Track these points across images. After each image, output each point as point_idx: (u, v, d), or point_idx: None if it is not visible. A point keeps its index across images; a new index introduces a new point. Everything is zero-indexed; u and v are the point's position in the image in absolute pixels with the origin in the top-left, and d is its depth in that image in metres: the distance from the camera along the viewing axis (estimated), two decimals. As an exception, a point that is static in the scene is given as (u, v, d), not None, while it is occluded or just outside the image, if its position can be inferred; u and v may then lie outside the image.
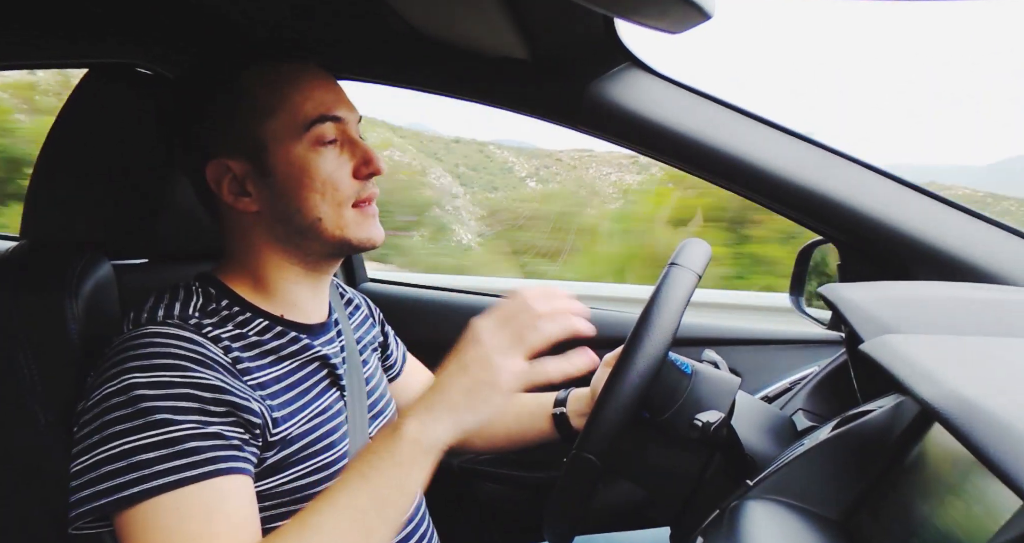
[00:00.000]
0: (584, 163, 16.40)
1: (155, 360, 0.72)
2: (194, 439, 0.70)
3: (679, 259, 0.82)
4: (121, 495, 0.67)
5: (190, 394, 0.71)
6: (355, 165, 0.84)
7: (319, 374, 0.86)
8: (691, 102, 1.18)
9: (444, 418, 0.68)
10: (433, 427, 0.68)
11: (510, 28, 1.03)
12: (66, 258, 0.84)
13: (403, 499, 0.68)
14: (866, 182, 1.13)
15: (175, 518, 0.67)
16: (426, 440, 0.68)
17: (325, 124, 0.82)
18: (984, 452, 0.42)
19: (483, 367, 0.69)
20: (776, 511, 0.65)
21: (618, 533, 1.18)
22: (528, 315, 0.71)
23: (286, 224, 0.83)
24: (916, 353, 0.60)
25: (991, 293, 0.93)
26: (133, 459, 0.68)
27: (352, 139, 0.84)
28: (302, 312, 0.88)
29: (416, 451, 0.68)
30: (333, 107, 0.83)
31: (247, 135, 0.81)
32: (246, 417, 0.74)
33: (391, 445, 0.68)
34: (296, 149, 0.81)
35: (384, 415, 0.97)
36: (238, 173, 0.82)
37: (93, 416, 0.71)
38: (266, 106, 0.81)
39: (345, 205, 0.83)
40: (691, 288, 0.80)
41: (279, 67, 0.82)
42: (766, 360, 1.36)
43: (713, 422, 0.80)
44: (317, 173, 0.81)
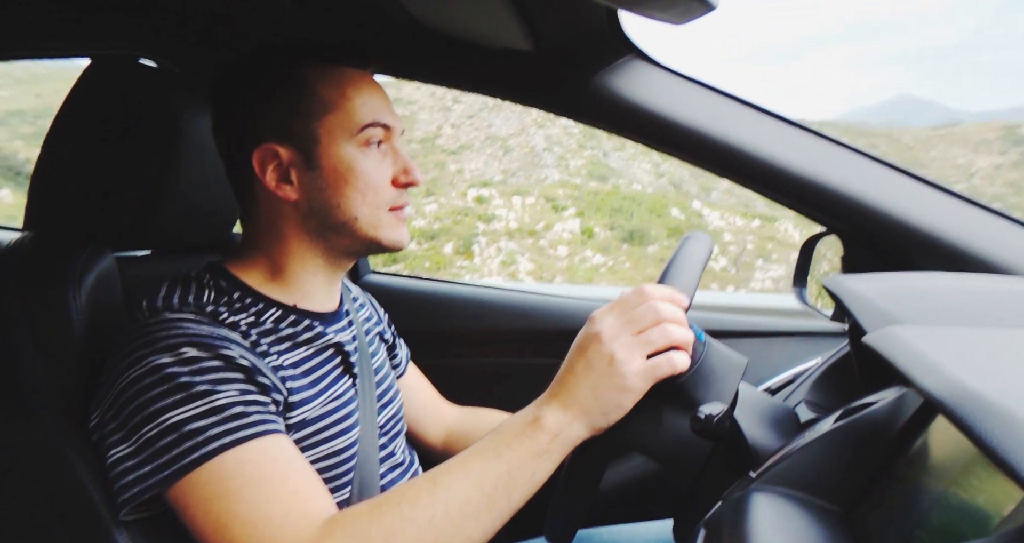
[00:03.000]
0: (928, 143, 16.58)
1: (177, 339, 0.73)
2: (239, 405, 0.71)
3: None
4: (181, 464, 0.69)
5: (222, 366, 0.73)
6: (395, 173, 0.88)
7: (333, 361, 0.88)
8: (695, 94, 1.17)
9: (580, 418, 0.70)
10: (571, 424, 0.70)
11: (513, 20, 1.03)
12: (69, 250, 0.85)
13: (529, 484, 0.70)
14: (869, 173, 1.12)
15: (246, 469, 0.69)
16: (564, 436, 0.70)
17: (376, 129, 0.85)
18: (987, 444, 0.42)
19: (609, 367, 0.69)
20: (779, 502, 0.65)
21: (621, 526, 1.19)
22: (653, 314, 0.70)
23: (322, 218, 0.85)
24: (920, 344, 0.60)
25: (996, 284, 0.93)
26: (184, 429, 0.69)
27: (395, 148, 0.89)
28: (315, 301, 0.89)
29: (554, 444, 0.70)
30: (384, 115, 0.87)
31: (302, 126, 0.83)
32: (273, 395, 0.76)
33: (531, 432, 0.70)
34: (346, 148, 0.84)
35: (392, 404, 0.98)
36: (285, 160, 0.84)
37: (125, 401, 0.72)
38: (327, 103, 0.83)
39: (383, 208, 0.86)
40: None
41: (343, 69, 0.85)
42: (769, 352, 1.36)
43: (716, 414, 0.80)
44: (362, 174, 0.84)
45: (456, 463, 0.71)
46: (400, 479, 0.94)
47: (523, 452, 0.69)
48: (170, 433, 0.69)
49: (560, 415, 0.70)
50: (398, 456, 0.95)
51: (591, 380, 0.69)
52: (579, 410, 0.69)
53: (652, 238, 12.38)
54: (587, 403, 0.69)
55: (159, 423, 0.70)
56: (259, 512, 0.68)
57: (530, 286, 1.80)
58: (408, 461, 0.98)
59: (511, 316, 1.54)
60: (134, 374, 0.72)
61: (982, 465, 0.50)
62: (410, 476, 0.96)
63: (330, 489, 0.81)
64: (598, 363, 0.69)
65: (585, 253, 12.14)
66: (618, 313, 0.71)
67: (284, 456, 0.72)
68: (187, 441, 0.69)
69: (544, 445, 0.69)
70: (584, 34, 1.12)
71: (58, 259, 0.83)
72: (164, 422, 0.70)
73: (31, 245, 0.86)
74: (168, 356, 0.72)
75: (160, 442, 0.70)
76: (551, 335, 1.50)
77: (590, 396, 0.69)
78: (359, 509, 0.70)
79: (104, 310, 0.85)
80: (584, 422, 0.70)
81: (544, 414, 0.70)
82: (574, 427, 0.70)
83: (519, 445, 0.70)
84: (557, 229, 12.67)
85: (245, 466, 0.69)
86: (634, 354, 0.69)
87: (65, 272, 0.82)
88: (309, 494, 0.71)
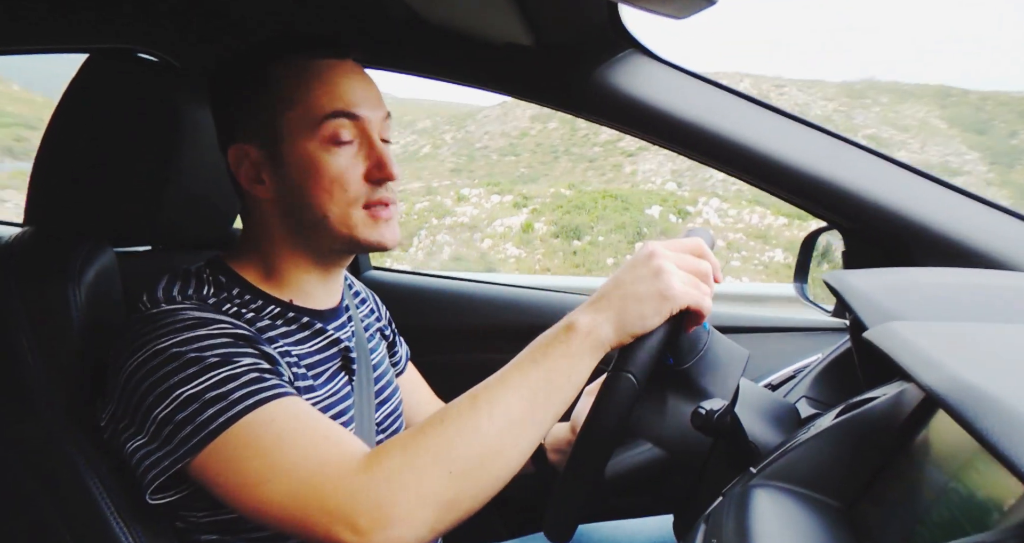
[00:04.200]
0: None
1: (182, 323, 0.73)
2: (254, 371, 0.71)
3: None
4: (207, 431, 0.68)
5: (231, 342, 0.73)
6: (368, 168, 0.83)
7: (332, 358, 0.87)
8: (695, 88, 1.17)
9: (613, 319, 0.71)
10: (602, 324, 0.71)
11: (514, 14, 1.03)
12: (69, 245, 0.85)
13: (569, 387, 0.71)
14: (870, 168, 1.12)
15: (274, 426, 0.68)
16: (595, 336, 0.71)
17: (339, 120, 0.81)
18: (988, 438, 0.42)
19: (656, 276, 0.71)
20: (779, 498, 0.65)
21: (621, 521, 1.19)
22: (704, 266, 0.75)
23: (297, 217, 0.83)
24: (920, 340, 0.60)
25: (996, 279, 0.93)
26: (204, 398, 0.68)
27: (370, 140, 0.83)
28: (312, 299, 0.89)
29: (586, 344, 0.71)
30: (353, 104, 0.82)
31: (267, 124, 0.82)
32: (282, 370, 0.76)
33: (563, 336, 0.72)
34: (309, 144, 0.81)
35: (390, 401, 0.98)
36: (254, 160, 0.83)
37: (132, 388, 0.71)
38: (287, 97, 0.81)
39: (353, 206, 0.82)
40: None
41: (310, 61, 0.83)
42: (770, 347, 1.36)
43: (717, 409, 0.80)
44: (326, 171, 0.81)
45: (494, 378, 0.71)
46: None
47: (557, 356, 0.71)
48: (189, 405, 0.68)
49: (592, 316, 0.71)
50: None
51: (635, 285, 0.71)
52: (613, 312, 0.71)
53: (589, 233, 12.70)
54: (625, 304, 0.71)
55: (173, 399, 0.69)
56: (298, 458, 0.67)
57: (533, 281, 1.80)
58: None
59: (512, 312, 1.54)
60: (139, 360, 0.71)
61: (983, 460, 0.50)
62: None
63: None
64: (646, 272, 0.71)
65: (505, 246, 12.53)
66: (672, 249, 0.74)
67: (307, 411, 0.72)
68: (210, 408, 0.68)
69: (576, 346, 0.71)
70: (585, 29, 1.12)
71: (58, 254, 0.83)
72: (179, 397, 0.69)
73: (31, 240, 0.86)
74: (172, 338, 0.71)
75: (178, 416, 0.68)
76: None
77: (631, 298, 0.71)
78: (401, 436, 0.69)
79: (104, 305, 0.85)
80: (616, 322, 0.71)
81: (577, 318, 0.72)
82: (604, 328, 0.71)
83: (552, 350, 0.71)
84: (497, 224, 13.04)
85: (272, 424, 0.68)
86: (679, 276, 0.72)
87: (65, 267, 0.82)
88: (340, 437, 0.71)
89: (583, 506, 0.75)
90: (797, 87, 28.13)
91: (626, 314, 0.71)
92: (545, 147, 25.89)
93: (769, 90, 27.43)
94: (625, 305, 0.71)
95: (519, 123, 27.23)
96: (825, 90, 29.40)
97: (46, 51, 1.29)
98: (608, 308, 0.71)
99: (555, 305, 1.53)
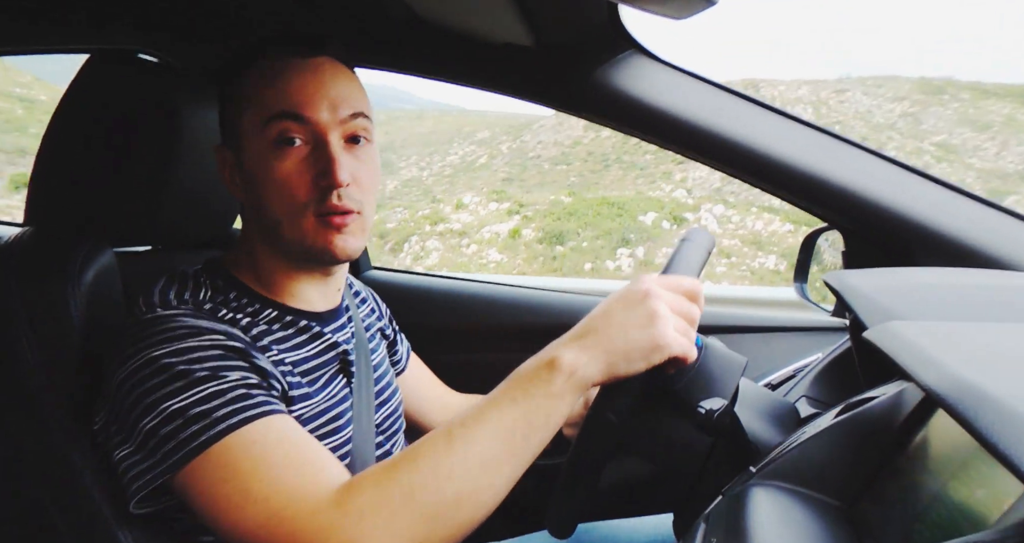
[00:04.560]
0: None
1: (175, 332, 0.72)
2: (242, 387, 0.70)
3: None
4: (188, 448, 0.67)
5: (222, 354, 0.72)
6: (315, 173, 0.78)
7: (331, 361, 0.87)
8: (695, 89, 1.17)
9: (599, 358, 0.68)
10: (587, 364, 0.68)
11: (513, 15, 1.03)
12: (69, 245, 0.85)
13: (548, 428, 0.69)
14: (870, 168, 1.12)
15: (254, 449, 0.68)
16: (578, 376, 0.68)
17: (285, 122, 0.77)
18: (988, 438, 0.42)
19: (650, 320, 0.68)
20: (779, 497, 0.65)
21: (621, 520, 1.19)
22: (694, 310, 0.72)
23: (262, 221, 0.82)
24: (920, 339, 0.60)
25: (996, 279, 0.93)
26: (189, 414, 0.68)
27: (321, 143, 0.78)
28: (308, 302, 0.88)
29: (569, 384, 0.68)
30: (299, 105, 0.78)
31: (231, 127, 0.83)
32: (274, 382, 0.75)
33: (546, 374, 0.68)
34: (259, 145, 0.79)
35: (390, 403, 0.97)
36: (229, 162, 0.84)
37: (122, 396, 0.71)
38: (246, 97, 0.81)
39: (302, 213, 0.79)
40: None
41: (275, 60, 0.81)
42: (770, 347, 1.36)
43: (716, 409, 0.80)
44: (273, 174, 0.78)
45: (471, 414, 0.69)
46: None
47: (538, 395, 0.68)
48: (174, 419, 0.68)
49: (577, 354, 0.68)
50: (396, 453, 0.95)
51: (626, 324, 0.68)
52: (600, 350, 0.68)
53: (574, 239, 12.87)
54: (613, 344, 0.68)
55: (159, 412, 0.68)
56: (272, 488, 0.67)
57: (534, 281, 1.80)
58: None
59: (513, 311, 1.54)
60: (130, 368, 0.71)
61: (982, 459, 0.50)
62: None
63: None
64: (640, 314, 0.69)
65: (489, 251, 12.70)
66: (668, 288, 0.72)
67: (290, 433, 0.71)
68: (193, 425, 0.68)
69: (559, 386, 0.68)
70: (585, 29, 1.12)
71: (58, 254, 0.83)
72: (164, 411, 0.68)
73: (31, 240, 0.86)
74: (163, 348, 0.71)
75: (163, 430, 0.68)
76: (553, 330, 1.49)
77: (620, 338, 0.68)
78: (374, 470, 0.68)
79: (103, 305, 0.85)
80: (602, 363, 0.68)
81: (561, 354, 0.69)
82: (590, 367, 0.68)
83: (534, 388, 0.68)
84: (485, 231, 13.23)
85: (252, 446, 0.68)
86: (673, 322, 0.70)
87: (65, 267, 0.82)
88: (320, 465, 0.70)
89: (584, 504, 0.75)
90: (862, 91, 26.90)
91: (613, 356, 0.68)
92: (596, 156, 25.71)
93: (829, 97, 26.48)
94: (614, 346, 0.68)
95: (573, 132, 27.07)
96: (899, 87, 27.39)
97: (47, 52, 1.29)
98: (595, 346, 0.68)
99: (556, 305, 1.53)
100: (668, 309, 0.69)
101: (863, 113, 25.85)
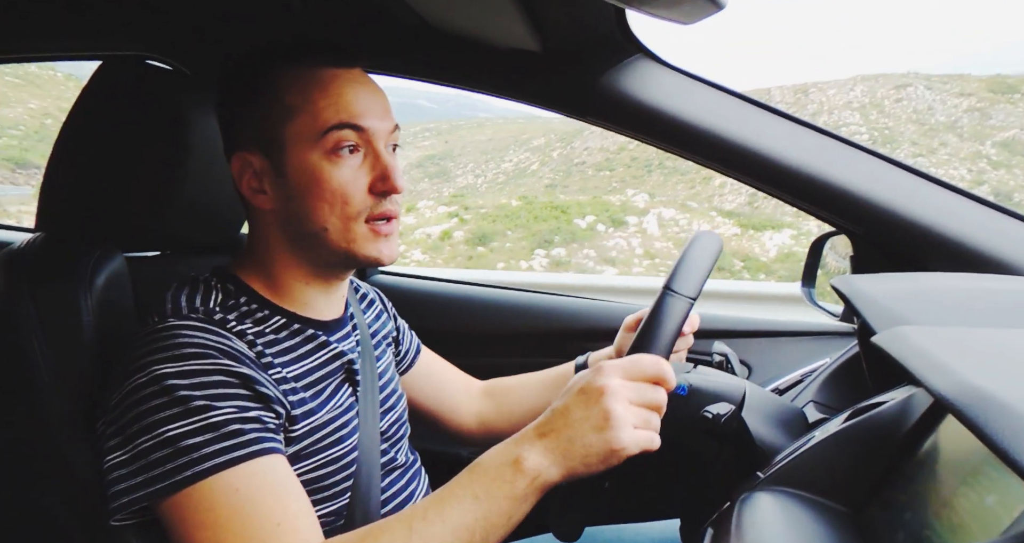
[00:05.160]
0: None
1: (183, 350, 0.73)
2: (236, 422, 0.71)
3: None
4: (172, 480, 0.68)
5: (224, 381, 0.72)
6: (372, 180, 0.81)
7: (336, 371, 0.87)
8: (703, 93, 1.17)
9: (559, 463, 0.69)
10: (548, 468, 0.69)
11: (521, 19, 1.03)
12: (80, 251, 0.85)
13: (508, 527, 0.70)
14: (879, 173, 1.12)
15: (229, 498, 0.69)
16: (541, 480, 0.69)
17: (343, 131, 0.79)
18: (997, 443, 0.42)
19: (605, 422, 0.67)
20: (787, 503, 0.65)
21: (627, 525, 1.19)
22: (657, 397, 0.71)
23: (295, 228, 0.83)
24: (929, 344, 0.60)
25: (1005, 284, 0.93)
26: (179, 445, 0.69)
27: (375, 152, 0.81)
28: (316, 310, 0.88)
29: (532, 487, 0.69)
30: (357, 115, 0.80)
31: (270, 133, 0.81)
32: (275, 407, 0.75)
33: (509, 475, 0.69)
34: (311, 155, 0.80)
35: (395, 410, 0.97)
36: (257, 169, 0.83)
37: (125, 408, 0.72)
38: (291, 107, 0.80)
39: (356, 219, 0.81)
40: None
41: (315, 69, 0.81)
42: (777, 352, 1.36)
43: (723, 414, 0.80)
44: (328, 183, 0.79)
45: (433, 507, 0.69)
46: (401, 481, 0.94)
47: (501, 497, 0.68)
48: (165, 447, 0.69)
49: (541, 459, 0.68)
50: (400, 459, 0.95)
51: (584, 429, 0.68)
52: (560, 454, 0.68)
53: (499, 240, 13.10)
54: (571, 450, 0.68)
55: (156, 435, 0.70)
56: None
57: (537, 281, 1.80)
58: (410, 463, 0.98)
59: (517, 316, 1.54)
60: (137, 382, 0.72)
61: (992, 465, 0.50)
62: (411, 477, 0.96)
63: (328, 496, 0.82)
64: (596, 413, 0.68)
65: (414, 252, 13.01)
66: (627, 377, 0.70)
67: (273, 481, 0.72)
68: (181, 457, 0.69)
69: (522, 489, 0.68)
70: (592, 34, 1.13)
71: (69, 260, 0.84)
72: (160, 435, 0.69)
73: (42, 245, 0.87)
74: (171, 366, 0.71)
75: (154, 455, 0.69)
76: (559, 335, 1.50)
77: (578, 444, 0.68)
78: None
79: (114, 310, 0.86)
80: (562, 467, 0.68)
81: (526, 455, 0.69)
82: (552, 471, 0.68)
83: (498, 490, 0.68)
84: (419, 233, 13.56)
85: (233, 494, 0.69)
86: (630, 421, 0.68)
87: (76, 273, 0.82)
88: (293, 526, 0.71)
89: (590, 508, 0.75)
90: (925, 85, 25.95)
91: (572, 461, 0.68)
92: (640, 161, 26.03)
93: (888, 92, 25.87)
94: (572, 451, 0.68)
95: (619, 139, 27.14)
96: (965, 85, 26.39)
97: (60, 58, 1.30)
98: (555, 450, 0.68)
99: (558, 309, 1.53)
100: (626, 405, 0.68)
101: (922, 111, 25.14)
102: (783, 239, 12.91)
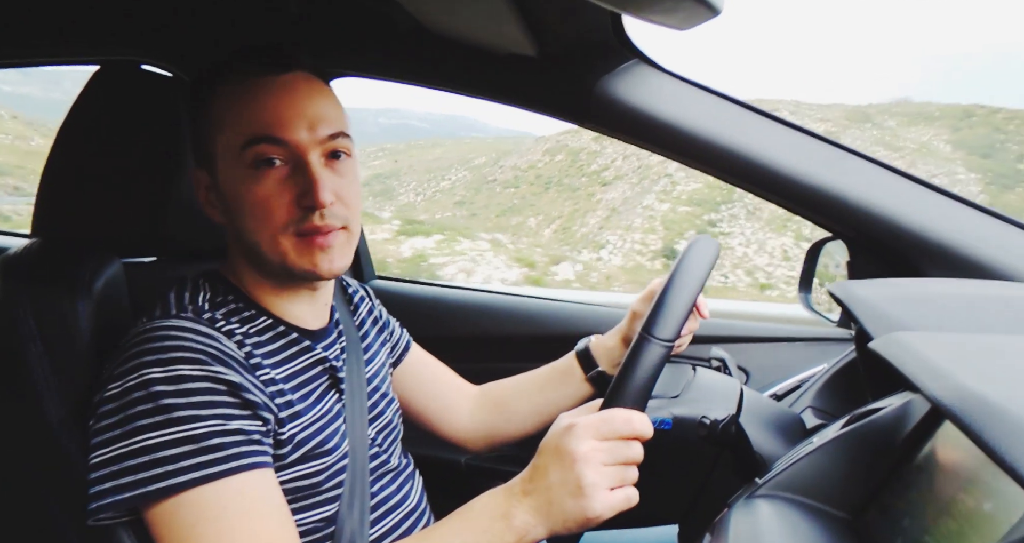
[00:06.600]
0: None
1: (172, 353, 0.72)
2: (217, 436, 0.70)
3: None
4: (145, 490, 0.68)
5: (210, 388, 0.72)
6: (295, 194, 0.77)
7: (321, 377, 0.86)
8: (700, 99, 1.17)
9: (544, 523, 0.69)
10: (536, 527, 0.69)
11: (517, 25, 1.03)
12: (77, 256, 0.85)
13: None
14: (876, 179, 1.12)
15: (203, 514, 0.68)
16: (529, 537, 0.70)
17: (261, 146, 0.76)
18: (995, 449, 0.42)
19: (578, 489, 0.68)
20: (785, 509, 0.65)
21: (625, 531, 1.18)
22: (630, 453, 0.70)
23: (241, 241, 0.82)
24: (926, 350, 0.60)
25: (1002, 290, 0.93)
26: (157, 455, 0.69)
27: (300, 164, 0.77)
28: (298, 319, 0.87)
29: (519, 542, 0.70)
30: (278, 127, 0.77)
31: (207, 149, 0.82)
32: (262, 413, 0.75)
33: (499, 529, 0.70)
34: (236, 170, 0.78)
35: (384, 416, 0.96)
36: (205, 184, 0.84)
37: (112, 409, 0.71)
38: (218, 121, 0.79)
39: (282, 233, 0.78)
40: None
41: (243, 81, 0.79)
42: (775, 358, 1.36)
43: (721, 420, 0.80)
44: (249, 197, 0.78)
45: None
46: (393, 485, 0.93)
47: None
48: (143, 454, 0.69)
49: (528, 517, 0.69)
50: (393, 463, 0.95)
51: (561, 493, 0.68)
52: (544, 516, 0.69)
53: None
54: (552, 512, 0.69)
55: (135, 441, 0.69)
56: None
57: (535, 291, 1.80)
58: (403, 466, 0.97)
59: (515, 321, 1.54)
60: (127, 384, 0.71)
61: (990, 471, 0.50)
62: (403, 481, 0.95)
63: (317, 502, 0.81)
64: (570, 479, 0.68)
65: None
66: (600, 438, 0.69)
67: (252, 499, 0.71)
68: (158, 467, 0.68)
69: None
70: (588, 39, 1.13)
71: (67, 265, 0.84)
72: (140, 441, 0.69)
73: (40, 251, 0.86)
74: (159, 371, 0.71)
75: (131, 461, 0.69)
76: (555, 340, 1.50)
77: (556, 508, 0.69)
78: None
79: (112, 315, 0.86)
80: (545, 528, 0.70)
81: (516, 512, 0.70)
82: (538, 530, 0.69)
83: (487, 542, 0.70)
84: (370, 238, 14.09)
85: (207, 509, 0.69)
86: (603, 484, 0.68)
87: (74, 278, 0.82)
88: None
89: None
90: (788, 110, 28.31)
91: (555, 524, 0.69)
92: (543, 179, 27.07)
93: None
94: (552, 514, 0.69)
95: (532, 157, 28.39)
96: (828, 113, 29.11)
97: (57, 63, 1.30)
98: (539, 509, 0.69)
99: (558, 315, 1.53)
100: (599, 470, 0.68)
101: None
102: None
